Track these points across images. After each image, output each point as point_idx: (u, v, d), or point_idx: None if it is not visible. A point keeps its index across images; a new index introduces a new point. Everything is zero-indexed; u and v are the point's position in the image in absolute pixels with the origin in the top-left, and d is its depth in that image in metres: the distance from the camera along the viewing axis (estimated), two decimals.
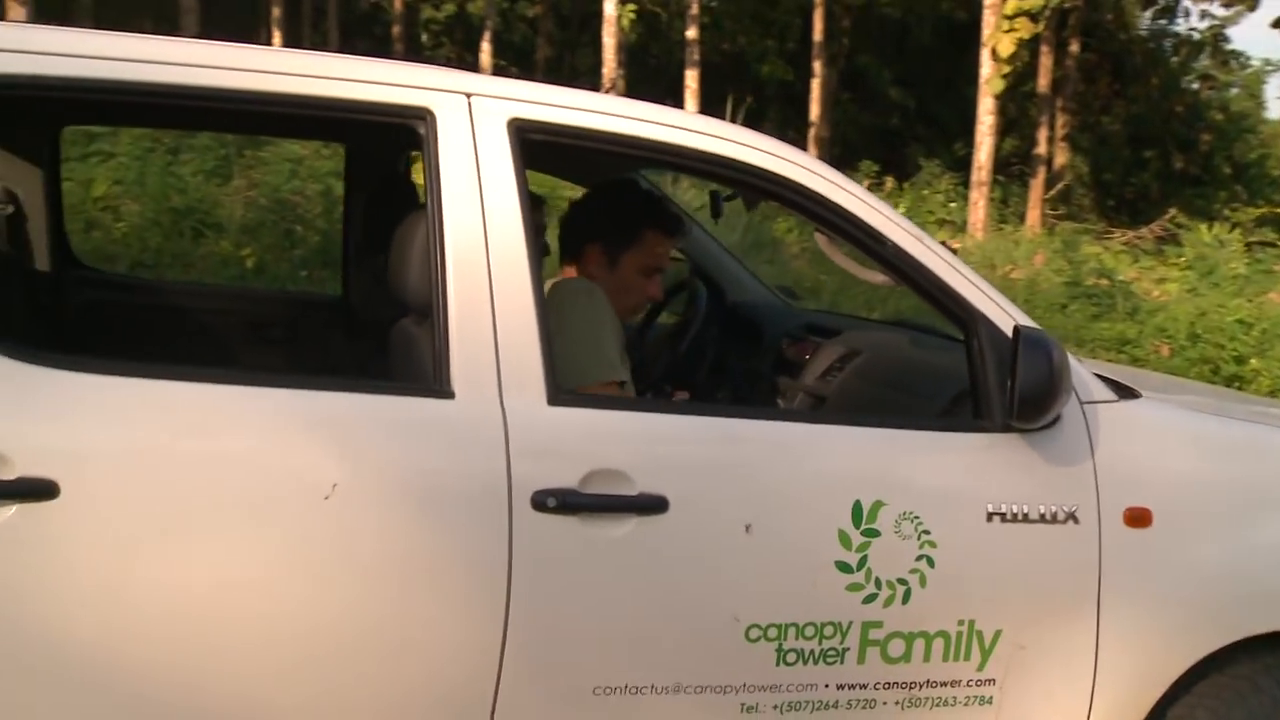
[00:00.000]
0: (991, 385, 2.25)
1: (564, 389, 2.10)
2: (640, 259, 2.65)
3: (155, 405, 1.90)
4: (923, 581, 2.19)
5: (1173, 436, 2.44)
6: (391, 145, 3.10)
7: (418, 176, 2.58)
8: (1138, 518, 2.34)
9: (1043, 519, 2.25)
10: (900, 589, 2.18)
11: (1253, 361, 8.58)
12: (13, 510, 1.79)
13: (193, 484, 1.88)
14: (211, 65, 2.05)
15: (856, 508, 2.15)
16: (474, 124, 2.10)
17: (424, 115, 2.10)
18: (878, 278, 2.63)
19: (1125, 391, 2.47)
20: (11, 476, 1.79)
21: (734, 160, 2.23)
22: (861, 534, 2.15)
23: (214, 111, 2.37)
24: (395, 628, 1.97)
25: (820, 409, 2.93)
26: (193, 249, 8.28)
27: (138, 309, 3.13)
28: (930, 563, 2.18)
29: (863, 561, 2.15)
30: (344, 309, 3.32)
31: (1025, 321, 2.25)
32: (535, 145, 2.19)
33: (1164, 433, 2.45)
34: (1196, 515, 2.38)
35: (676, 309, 3.61)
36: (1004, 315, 2.28)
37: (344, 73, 2.12)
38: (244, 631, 1.92)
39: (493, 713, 2.01)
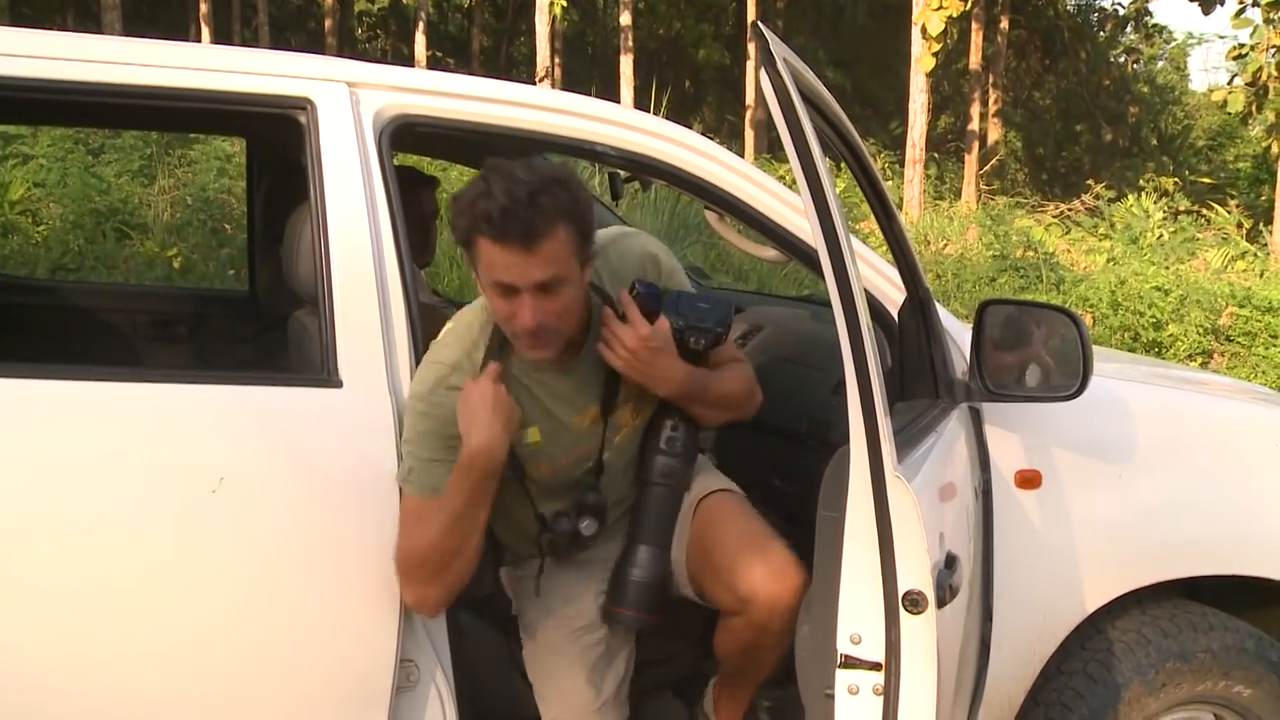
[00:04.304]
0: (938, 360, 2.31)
1: None
2: (483, 274, 1.95)
3: (32, 405, 1.88)
4: None
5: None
6: (287, 137, 3.08)
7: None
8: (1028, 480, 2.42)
9: None
10: None
11: (1170, 327, 8.76)
12: None
13: (73, 483, 1.87)
14: (91, 60, 2.04)
15: None
16: (356, 113, 2.11)
17: (304, 105, 2.10)
18: (770, 253, 2.67)
19: None
20: None
21: (604, 142, 2.25)
22: None
23: (97, 107, 2.35)
24: (292, 618, 1.97)
25: None
26: (117, 251, 8.18)
27: (38, 310, 3.09)
28: None
29: None
30: (250, 304, 3.30)
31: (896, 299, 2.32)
32: (420, 134, 2.21)
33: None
34: (1084, 474, 2.45)
35: None
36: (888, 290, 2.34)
37: (225, 64, 2.10)
38: (134, 631, 1.91)
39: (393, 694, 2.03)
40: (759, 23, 1.64)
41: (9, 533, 1.84)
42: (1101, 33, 25.26)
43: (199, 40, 18.50)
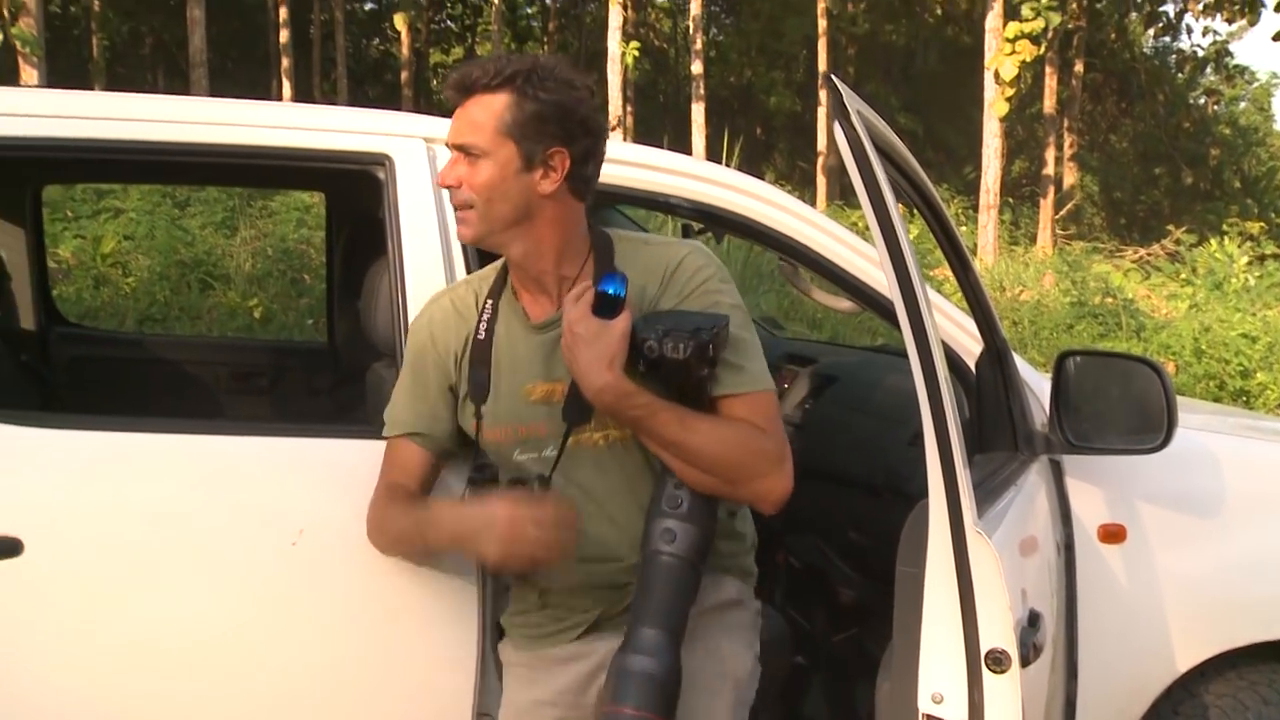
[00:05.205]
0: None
1: None
2: None
3: (120, 458, 1.93)
4: None
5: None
6: (366, 192, 3.14)
7: None
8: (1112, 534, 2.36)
9: None
10: None
11: (1259, 375, 8.52)
12: None
13: (157, 534, 1.91)
14: (175, 120, 2.11)
15: None
16: (433, 168, 2.14)
17: (382, 161, 2.14)
18: (844, 304, 2.65)
19: None
20: None
21: (677, 195, 2.26)
22: None
23: (181, 166, 2.43)
24: (369, 670, 1.99)
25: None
26: (200, 301, 8.38)
27: (123, 364, 3.18)
28: None
29: None
30: (329, 356, 3.36)
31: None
32: None
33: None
34: (1170, 529, 2.38)
35: None
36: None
37: (305, 122, 2.18)
38: (216, 679, 1.94)
39: None
40: (833, 76, 1.64)
41: (97, 581, 1.88)
42: (1180, 74, 24.91)
43: (281, 92, 19.03)
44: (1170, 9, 20.82)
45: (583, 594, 1.85)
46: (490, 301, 1.87)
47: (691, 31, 18.92)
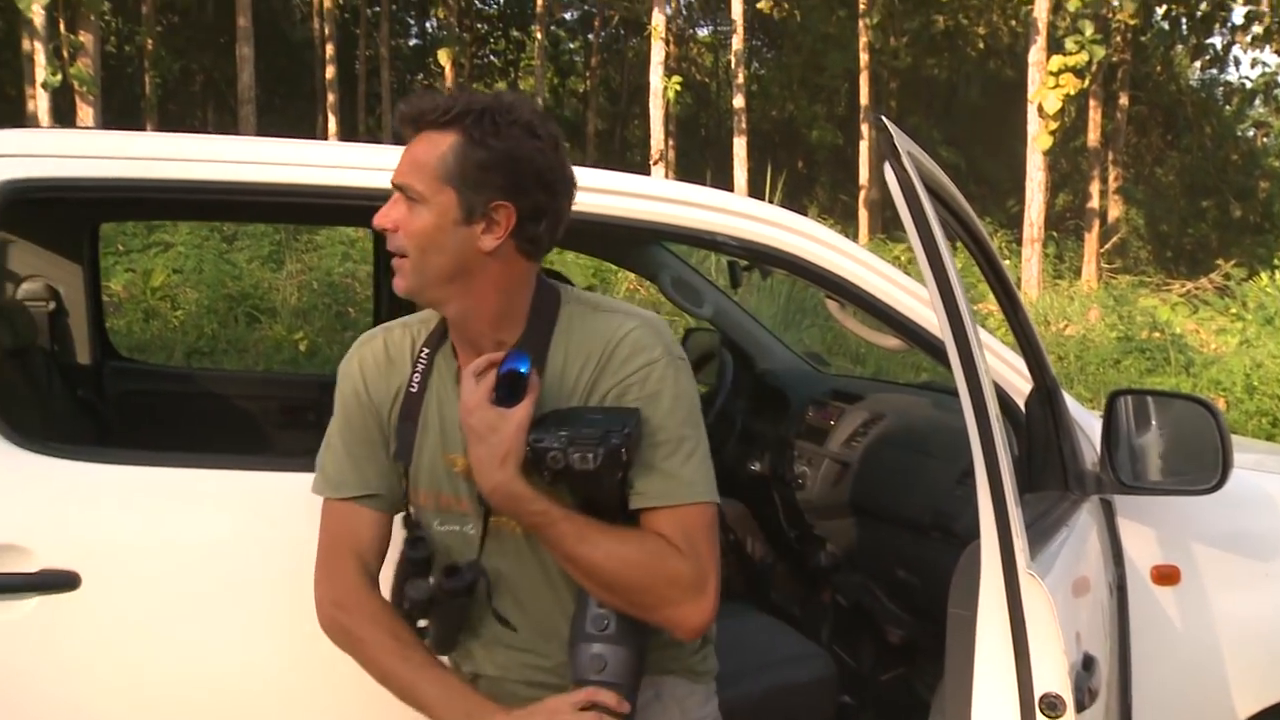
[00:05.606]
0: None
1: None
2: None
3: (174, 493, 1.96)
4: None
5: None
6: None
7: None
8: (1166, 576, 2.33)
9: None
10: None
11: None
12: (35, 602, 1.85)
13: (210, 569, 1.93)
14: (226, 160, 2.16)
15: None
16: None
17: None
18: (892, 342, 2.64)
19: None
20: (35, 569, 1.85)
21: (724, 232, 2.27)
22: None
23: (232, 204, 2.47)
24: None
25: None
26: (247, 334, 8.49)
27: (174, 398, 3.22)
28: None
29: None
30: None
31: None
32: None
33: None
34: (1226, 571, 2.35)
35: (707, 379, 3.64)
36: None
37: (351, 161, 2.20)
38: (270, 714, 1.96)
39: None
40: (883, 117, 1.64)
41: (152, 614, 1.91)
42: (1228, 107, 24.68)
43: (326, 126, 19.31)
44: (1218, 41, 20.66)
45: (513, 685, 1.69)
46: (426, 351, 1.69)
47: (733, 66, 19.00)
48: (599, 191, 2.23)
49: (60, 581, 1.85)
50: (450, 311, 1.62)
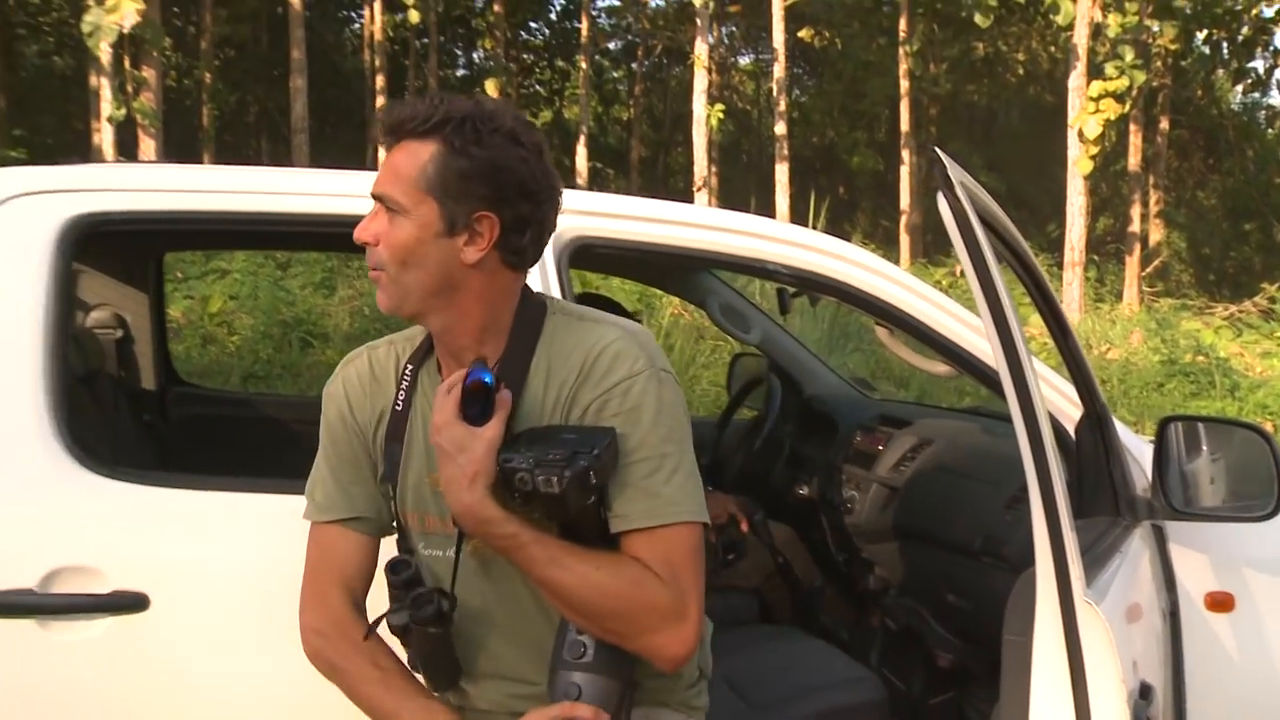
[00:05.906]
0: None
1: None
2: None
3: (237, 516, 2.02)
4: None
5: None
6: None
7: None
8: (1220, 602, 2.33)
9: None
10: None
11: None
12: (109, 622, 1.91)
13: (273, 590, 1.96)
14: (284, 192, 2.24)
15: None
16: None
17: None
18: (940, 368, 2.66)
19: None
20: (107, 590, 1.90)
21: (774, 260, 2.31)
22: None
23: (289, 234, 2.53)
24: None
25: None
26: (301, 359, 8.61)
27: (234, 422, 3.29)
28: None
29: None
30: None
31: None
32: (598, 254, 2.31)
33: None
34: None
35: (755, 405, 3.67)
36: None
37: None
38: None
39: None
40: (936, 149, 1.67)
41: (217, 634, 1.96)
42: (1270, 130, 24.43)
43: (376, 155, 19.53)
44: (1260, 65, 20.48)
45: (499, 717, 1.64)
46: (411, 368, 1.65)
47: (775, 93, 19.06)
48: (657, 221, 2.28)
49: (131, 603, 1.90)
50: (434, 326, 1.58)
